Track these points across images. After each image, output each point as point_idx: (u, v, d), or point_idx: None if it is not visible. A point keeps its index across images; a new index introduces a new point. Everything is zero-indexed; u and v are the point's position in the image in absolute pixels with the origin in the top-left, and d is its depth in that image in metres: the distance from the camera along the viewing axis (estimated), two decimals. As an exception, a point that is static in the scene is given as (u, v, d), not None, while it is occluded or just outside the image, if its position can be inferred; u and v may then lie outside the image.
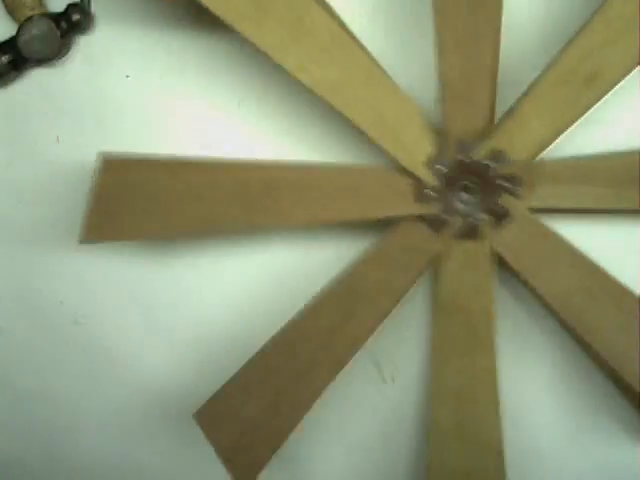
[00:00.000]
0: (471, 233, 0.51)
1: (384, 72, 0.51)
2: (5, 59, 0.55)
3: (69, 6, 0.55)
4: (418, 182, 0.51)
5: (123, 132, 0.58)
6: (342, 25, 0.52)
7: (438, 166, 0.50)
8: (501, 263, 0.52)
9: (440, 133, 0.50)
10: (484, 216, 0.50)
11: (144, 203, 0.51)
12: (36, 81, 0.57)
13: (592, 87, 0.47)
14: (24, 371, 0.62)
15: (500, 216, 0.50)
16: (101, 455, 0.63)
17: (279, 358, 0.52)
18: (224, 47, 0.58)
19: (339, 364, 0.51)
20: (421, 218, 0.51)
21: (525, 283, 0.51)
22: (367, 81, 0.50)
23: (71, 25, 0.55)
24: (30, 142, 0.59)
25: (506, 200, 0.50)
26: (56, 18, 0.55)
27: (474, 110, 0.49)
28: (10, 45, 0.55)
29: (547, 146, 0.49)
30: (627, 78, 0.48)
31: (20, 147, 0.59)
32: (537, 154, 0.49)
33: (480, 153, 0.50)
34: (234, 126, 0.58)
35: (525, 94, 0.49)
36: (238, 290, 0.59)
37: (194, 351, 0.61)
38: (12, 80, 0.57)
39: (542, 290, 0.49)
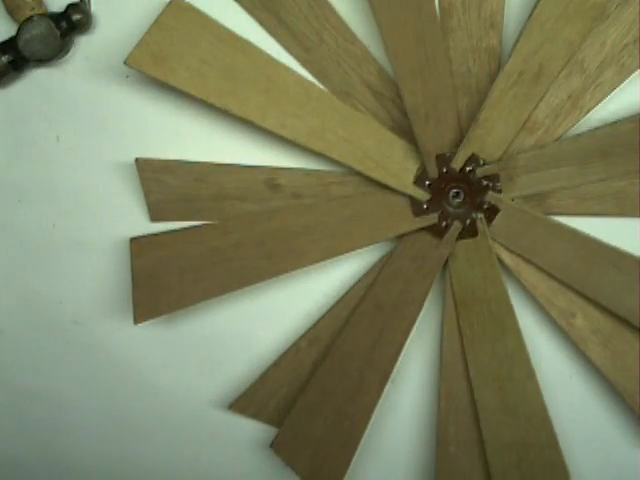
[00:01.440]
0: (470, 232, 0.56)
1: (358, 111, 0.55)
2: (5, 59, 0.55)
3: (69, 6, 0.55)
4: (412, 199, 0.56)
5: (123, 132, 0.58)
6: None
7: (426, 182, 0.56)
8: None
9: (420, 152, 0.55)
10: (479, 214, 0.55)
11: (180, 274, 0.55)
12: (36, 81, 0.57)
13: (539, 81, 0.53)
14: (24, 371, 0.62)
15: (490, 211, 0.55)
16: (101, 455, 0.63)
17: (332, 379, 0.57)
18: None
19: (384, 376, 0.57)
20: (423, 228, 0.56)
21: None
22: (344, 122, 0.54)
23: (71, 25, 0.55)
24: (30, 142, 0.59)
25: (491, 196, 0.55)
26: (56, 18, 0.55)
27: (442, 126, 0.54)
28: (10, 45, 0.55)
29: (512, 141, 0.54)
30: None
31: (20, 147, 0.59)
32: (506, 150, 0.55)
33: (458, 161, 0.55)
34: (235, 130, 0.57)
35: (485, 101, 0.54)
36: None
37: (195, 351, 0.61)
38: (12, 80, 0.57)
39: (544, 265, 0.55)
